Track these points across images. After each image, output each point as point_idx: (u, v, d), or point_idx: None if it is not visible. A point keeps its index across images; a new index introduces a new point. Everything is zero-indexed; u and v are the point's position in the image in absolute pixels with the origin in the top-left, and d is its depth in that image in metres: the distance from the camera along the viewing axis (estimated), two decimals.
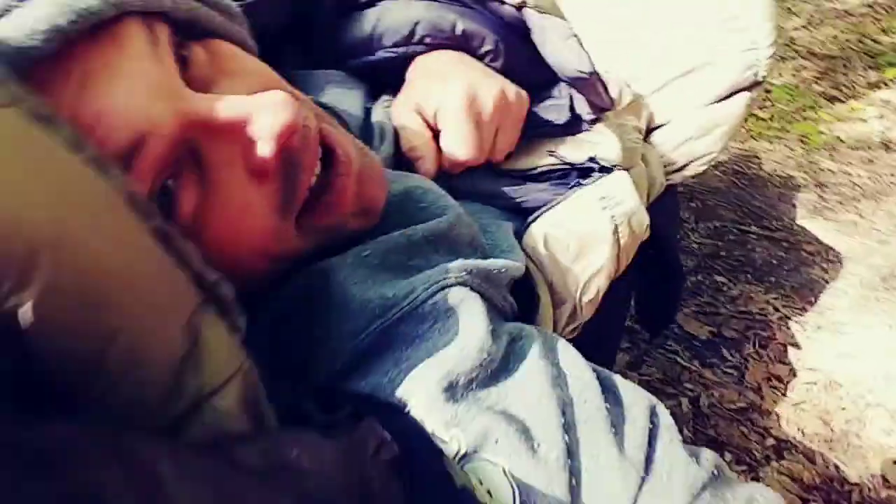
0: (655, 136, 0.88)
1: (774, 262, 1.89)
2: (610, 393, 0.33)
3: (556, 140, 0.59)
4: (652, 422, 0.32)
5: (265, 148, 0.29)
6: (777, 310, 1.61)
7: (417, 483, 0.26)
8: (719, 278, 1.81)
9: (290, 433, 0.25)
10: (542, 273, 0.52)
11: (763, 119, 2.84)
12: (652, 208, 0.87)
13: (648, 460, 0.30)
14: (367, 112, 0.51)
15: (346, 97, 0.50)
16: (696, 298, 1.73)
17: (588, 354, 0.71)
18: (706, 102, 0.85)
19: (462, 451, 0.28)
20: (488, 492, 0.27)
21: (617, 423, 0.31)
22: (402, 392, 0.30)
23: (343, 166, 0.35)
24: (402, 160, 0.50)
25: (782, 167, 2.57)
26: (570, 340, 0.55)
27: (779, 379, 1.33)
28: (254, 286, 0.36)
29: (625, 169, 0.73)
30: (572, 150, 0.59)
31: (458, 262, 0.36)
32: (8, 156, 0.19)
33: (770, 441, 1.20)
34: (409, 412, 0.29)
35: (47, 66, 0.24)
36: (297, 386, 0.33)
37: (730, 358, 1.44)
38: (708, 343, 1.51)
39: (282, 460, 0.23)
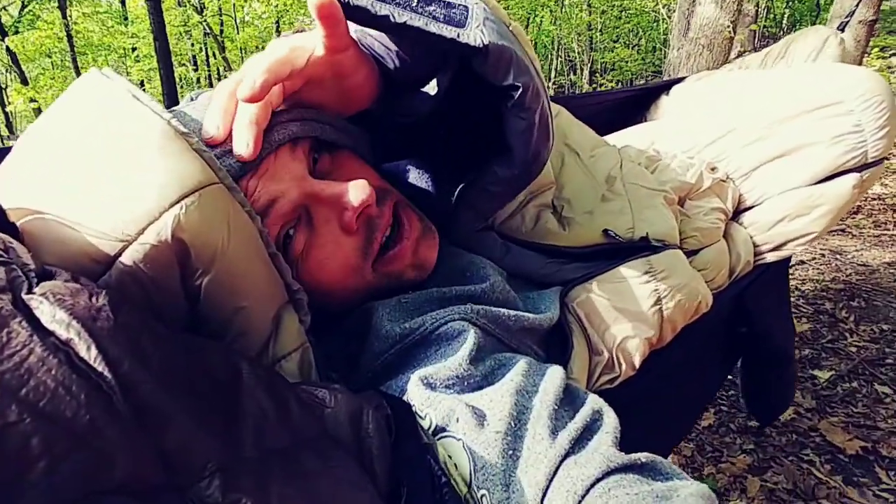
0: (747, 217, 0.89)
1: None
2: (571, 399, 0.40)
3: (612, 216, 0.65)
4: (594, 419, 0.38)
5: (349, 213, 0.46)
6: None
7: (399, 435, 0.36)
8: (882, 388, 1.54)
9: (326, 384, 0.37)
10: (581, 327, 0.58)
11: None
12: (742, 286, 0.86)
13: (581, 443, 0.36)
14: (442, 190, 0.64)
15: (423, 177, 0.64)
16: (848, 407, 1.49)
17: (654, 415, 0.71)
18: (801, 184, 0.85)
19: (433, 425, 0.38)
20: (455, 464, 0.36)
21: (561, 418, 0.37)
22: (401, 386, 0.42)
23: (406, 232, 0.51)
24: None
25: None
26: (624, 391, 0.60)
27: None
28: (335, 308, 0.50)
29: (699, 247, 0.76)
30: (625, 227, 0.64)
31: (468, 306, 0.47)
32: (211, 209, 0.36)
33: None
34: (401, 398, 0.41)
35: (250, 171, 0.43)
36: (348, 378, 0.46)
37: (887, 481, 1.21)
38: (857, 459, 1.29)
39: (315, 395, 0.35)
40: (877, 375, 1.62)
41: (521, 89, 0.44)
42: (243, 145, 0.39)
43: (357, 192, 0.45)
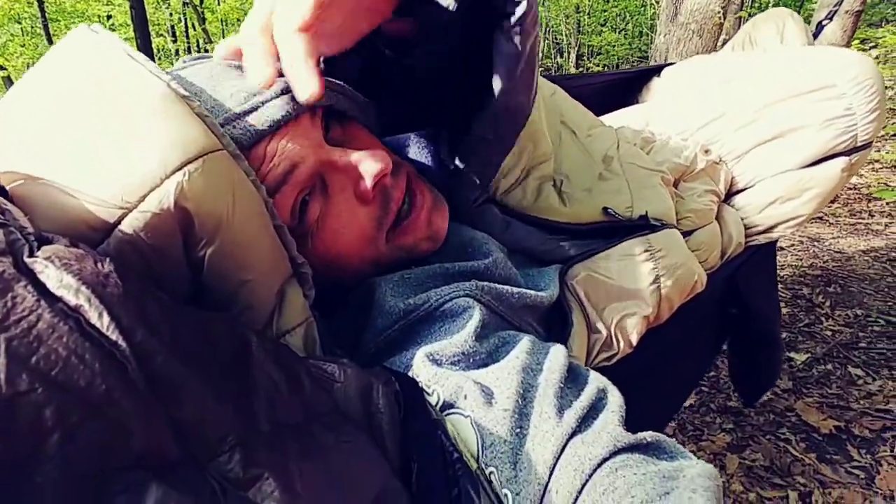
0: (738, 199, 0.89)
1: None
2: (574, 378, 0.40)
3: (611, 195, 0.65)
4: (599, 397, 0.38)
5: (366, 182, 0.45)
6: None
7: (408, 411, 0.36)
8: (855, 370, 1.60)
9: (334, 358, 0.37)
10: (580, 305, 0.59)
11: None
12: (734, 267, 0.87)
13: (587, 422, 0.35)
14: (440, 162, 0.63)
15: (424, 151, 0.63)
16: (822, 389, 1.54)
17: (648, 394, 0.72)
18: (792, 167, 0.85)
19: (441, 402, 0.38)
20: (463, 441, 0.36)
21: (566, 396, 0.37)
22: (406, 364, 0.41)
23: (419, 202, 0.50)
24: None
25: None
26: (621, 370, 0.60)
27: None
28: (348, 282, 0.50)
29: (693, 229, 0.77)
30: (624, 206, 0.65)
31: (472, 283, 0.47)
32: (215, 176, 0.34)
33: None
34: (408, 373, 0.40)
35: (269, 135, 0.41)
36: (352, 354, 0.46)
37: (858, 458, 1.26)
38: (831, 438, 1.33)
39: (324, 370, 0.35)
40: (850, 358, 1.67)
41: (525, 7, 0.41)
42: (306, 84, 0.36)
43: (375, 160, 0.44)
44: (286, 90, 0.41)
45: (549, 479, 0.33)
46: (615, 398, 0.38)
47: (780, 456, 1.28)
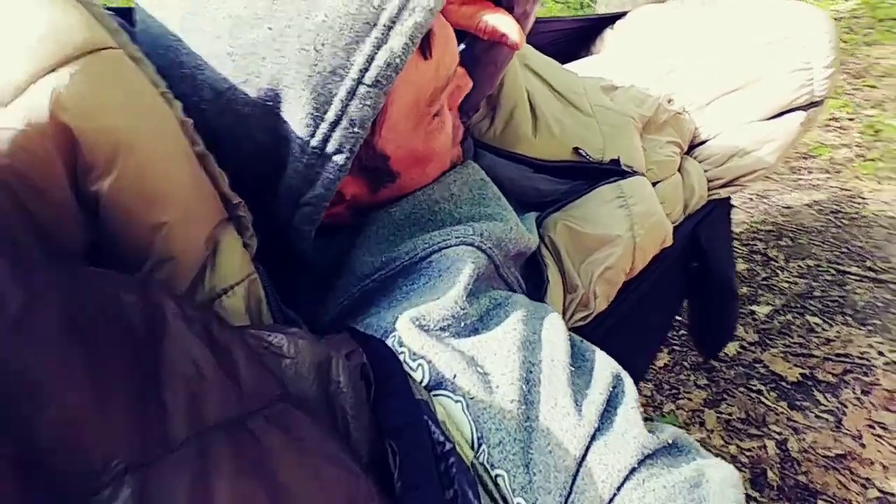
0: (701, 151, 0.87)
1: (879, 304, 1.69)
2: (580, 358, 0.35)
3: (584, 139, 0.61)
4: (615, 387, 0.33)
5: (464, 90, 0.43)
6: (882, 354, 1.43)
7: (382, 388, 0.29)
8: (812, 319, 1.64)
9: (281, 327, 0.29)
10: (556, 259, 0.53)
11: (871, 159, 2.64)
12: (695, 221, 0.85)
13: (607, 419, 0.31)
14: None
15: None
16: (785, 338, 1.58)
17: (619, 353, 0.69)
18: (754, 119, 0.83)
19: (428, 380, 0.31)
20: (455, 426, 0.30)
21: (578, 382, 0.32)
22: (383, 325, 0.35)
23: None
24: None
25: (891, 207, 2.34)
26: (593, 330, 0.56)
27: (883, 427, 1.16)
28: (404, 188, 0.42)
29: (655, 181, 0.73)
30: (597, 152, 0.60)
31: (468, 226, 0.40)
32: (108, 81, 0.26)
33: (873, 493, 1.03)
34: (385, 339, 0.34)
35: None
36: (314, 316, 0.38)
37: (825, 402, 1.29)
38: (798, 385, 1.36)
39: (269, 342, 0.27)
40: (807, 307, 1.72)
41: None
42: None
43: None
44: None
45: (572, 488, 0.29)
46: (630, 387, 0.33)
47: (755, 407, 1.29)
